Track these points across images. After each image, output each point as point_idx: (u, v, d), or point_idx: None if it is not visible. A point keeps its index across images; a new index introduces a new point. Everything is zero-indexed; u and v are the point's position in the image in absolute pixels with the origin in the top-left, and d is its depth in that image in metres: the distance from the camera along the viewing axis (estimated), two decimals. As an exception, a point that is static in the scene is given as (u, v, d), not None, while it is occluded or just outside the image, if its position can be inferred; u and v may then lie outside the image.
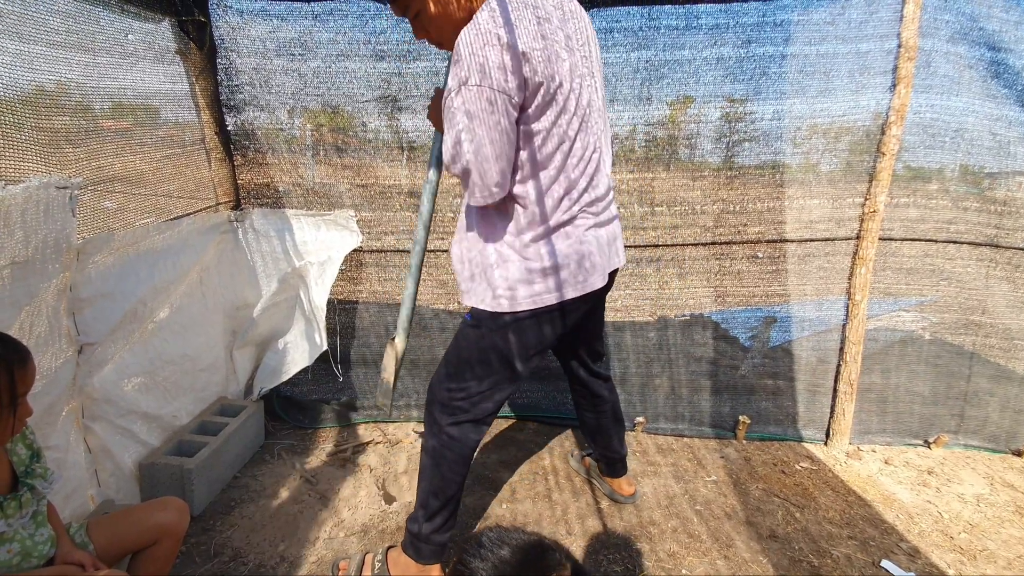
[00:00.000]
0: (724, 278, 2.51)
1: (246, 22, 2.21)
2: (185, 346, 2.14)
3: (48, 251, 1.45)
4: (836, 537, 1.99)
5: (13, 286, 1.37)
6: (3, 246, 1.31)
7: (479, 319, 1.51)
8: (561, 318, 1.50)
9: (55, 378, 1.55)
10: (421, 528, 1.64)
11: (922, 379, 2.56)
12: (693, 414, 2.66)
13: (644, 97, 2.29)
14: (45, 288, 1.47)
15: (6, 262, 1.33)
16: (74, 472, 1.65)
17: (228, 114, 2.33)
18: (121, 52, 1.83)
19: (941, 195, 2.38)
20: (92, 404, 1.74)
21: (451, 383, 1.58)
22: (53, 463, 1.54)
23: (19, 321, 1.41)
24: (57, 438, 1.58)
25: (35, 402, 1.47)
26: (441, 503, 1.63)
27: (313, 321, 2.48)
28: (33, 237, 1.39)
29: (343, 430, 2.62)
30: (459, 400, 1.57)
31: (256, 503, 2.06)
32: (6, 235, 1.31)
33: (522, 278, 1.43)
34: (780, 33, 2.20)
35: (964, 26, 2.20)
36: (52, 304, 1.51)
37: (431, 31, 1.39)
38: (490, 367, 1.54)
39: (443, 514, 1.65)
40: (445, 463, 1.60)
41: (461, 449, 1.60)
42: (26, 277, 1.40)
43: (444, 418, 1.59)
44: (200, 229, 2.16)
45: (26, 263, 1.39)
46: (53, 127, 1.56)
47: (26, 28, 1.44)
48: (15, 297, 1.39)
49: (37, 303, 1.46)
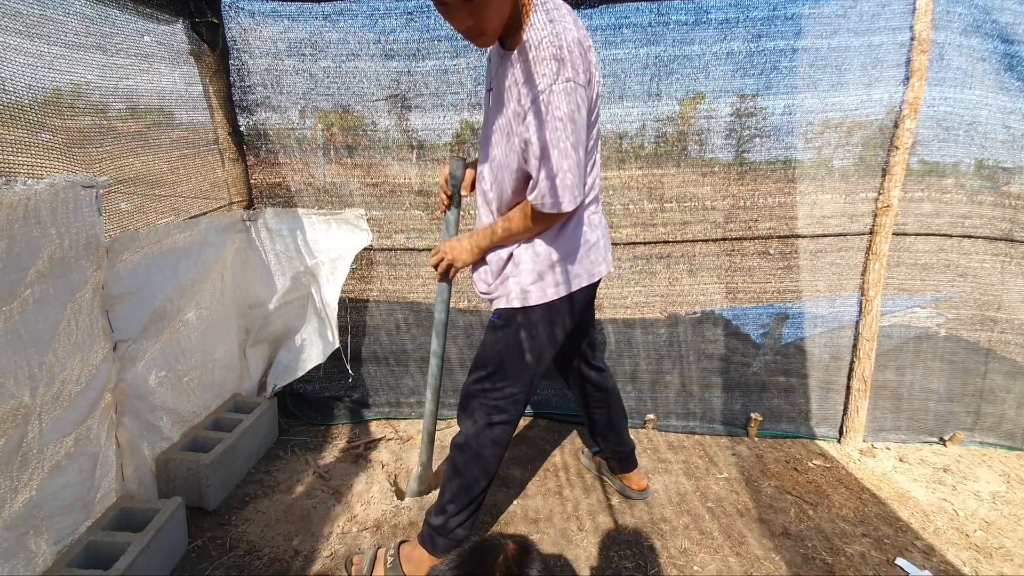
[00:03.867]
0: (735, 274, 2.50)
1: (258, 23, 2.24)
2: (205, 343, 2.17)
3: (80, 249, 1.48)
4: (850, 535, 1.98)
5: (56, 283, 1.41)
6: (39, 243, 1.34)
7: (507, 318, 1.54)
8: (570, 309, 1.55)
9: (97, 374, 1.59)
10: (448, 522, 1.66)
11: (937, 376, 2.54)
12: (704, 411, 2.65)
13: (654, 93, 2.29)
14: (82, 285, 1.50)
15: (46, 259, 1.36)
16: (106, 468, 1.68)
17: (240, 115, 2.35)
18: (137, 53, 1.86)
19: (956, 189, 2.36)
20: (124, 400, 1.77)
21: (487, 383, 1.60)
22: (90, 459, 1.58)
23: (65, 318, 1.45)
24: (96, 433, 1.62)
25: (81, 399, 1.53)
26: (470, 499, 1.66)
27: (325, 319, 2.51)
28: (66, 234, 1.42)
29: (355, 427, 2.63)
30: (496, 400, 1.60)
31: (270, 498, 2.08)
32: (39, 232, 1.34)
33: (536, 275, 1.48)
34: (791, 27, 2.18)
35: (977, 18, 2.17)
36: (89, 301, 1.55)
37: (482, 18, 1.22)
38: (523, 365, 1.56)
39: (470, 509, 1.68)
40: (481, 461, 1.63)
41: (495, 448, 1.63)
42: (65, 274, 1.44)
43: (482, 417, 1.61)
44: (217, 228, 2.19)
45: (63, 260, 1.42)
46: (72, 127, 1.59)
47: (45, 29, 1.47)
48: (59, 294, 1.43)
49: (78, 300, 1.49)
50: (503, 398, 1.59)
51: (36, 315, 1.36)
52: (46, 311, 1.39)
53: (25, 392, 1.33)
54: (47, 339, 1.39)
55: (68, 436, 1.50)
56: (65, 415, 1.48)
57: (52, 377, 1.41)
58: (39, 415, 1.39)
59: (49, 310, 1.39)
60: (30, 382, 1.34)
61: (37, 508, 1.42)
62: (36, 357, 1.36)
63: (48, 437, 1.43)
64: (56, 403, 1.44)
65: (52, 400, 1.43)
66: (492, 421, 1.61)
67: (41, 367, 1.37)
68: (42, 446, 1.41)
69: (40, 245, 1.35)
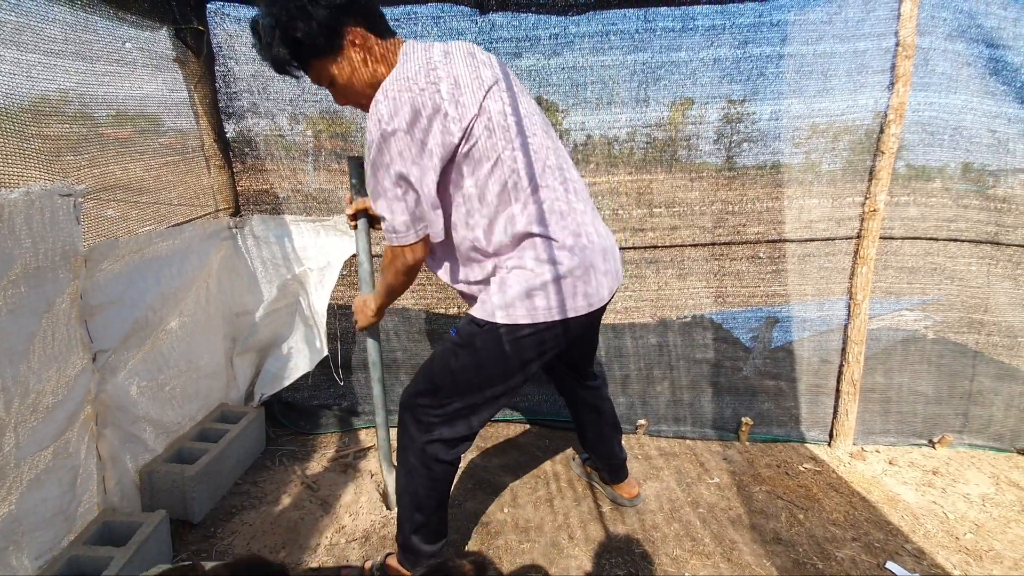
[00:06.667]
0: (724, 279, 2.50)
1: (243, 29, 2.22)
2: (189, 352, 2.14)
3: (57, 258, 1.45)
4: (841, 539, 1.98)
5: (30, 294, 1.38)
6: (12, 253, 1.32)
7: (472, 335, 1.44)
8: (564, 334, 1.45)
9: (75, 385, 1.56)
10: (409, 540, 1.60)
11: (925, 378, 2.55)
12: (695, 416, 2.65)
13: (642, 99, 2.29)
14: (59, 295, 1.48)
15: (19, 270, 1.34)
16: (87, 481, 1.65)
17: (227, 121, 2.33)
18: (119, 60, 1.84)
19: (941, 193, 2.37)
20: (105, 411, 1.74)
21: (432, 398, 1.50)
22: (70, 472, 1.55)
23: (41, 329, 1.42)
24: (75, 446, 1.59)
25: (59, 411, 1.50)
26: (426, 516, 1.58)
27: (313, 327, 2.48)
28: (42, 244, 1.40)
29: (344, 435, 2.61)
30: (439, 416, 1.50)
31: (257, 510, 2.06)
32: (13, 243, 1.32)
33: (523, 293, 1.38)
34: (777, 33, 2.19)
35: (962, 23, 2.19)
36: (67, 311, 1.52)
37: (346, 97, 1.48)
38: (479, 383, 1.46)
39: (429, 526, 1.60)
40: (428, 480, 1.54)
41: (443, 466, 1.53)
42: (40, 284, 1.42)
43: (420, 435, 1.51)
44: (202, 235, 2.17)
45: (38, 270, 1.40)
46: (53, 135, 1.57)
47: (24, 37, 1.45)
48: (34, 305, 1.40)
49: (54, 311, 1.47)
50: (444, 415, 1.49)
51: (9, 326, 1.33)
52: (20, 322, 1.36)
53: None
54: (21, 351, 1.37)
55: (46, 449, 1.47)
56: (42, 427, 1.45)
57: (27, 389, 1.39)
58: (14, 428, 1.36)
59: (23, 321, 1.36)
60: (4, 395, 1.32)
61: (16, 523, 1.39)
62: (9, 369, 1.33)
63: (25, 450, 1.40)
64: (32, 415, 1.42)
65: (28, 413, 1.40)
66: (433, 438, 1.50)
67: (15, 379, 1.35)
68: (19, 460, 1.38)
69: (13, 255, 1.32)
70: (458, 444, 1.54)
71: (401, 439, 1.58)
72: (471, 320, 1.44)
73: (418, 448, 1.52)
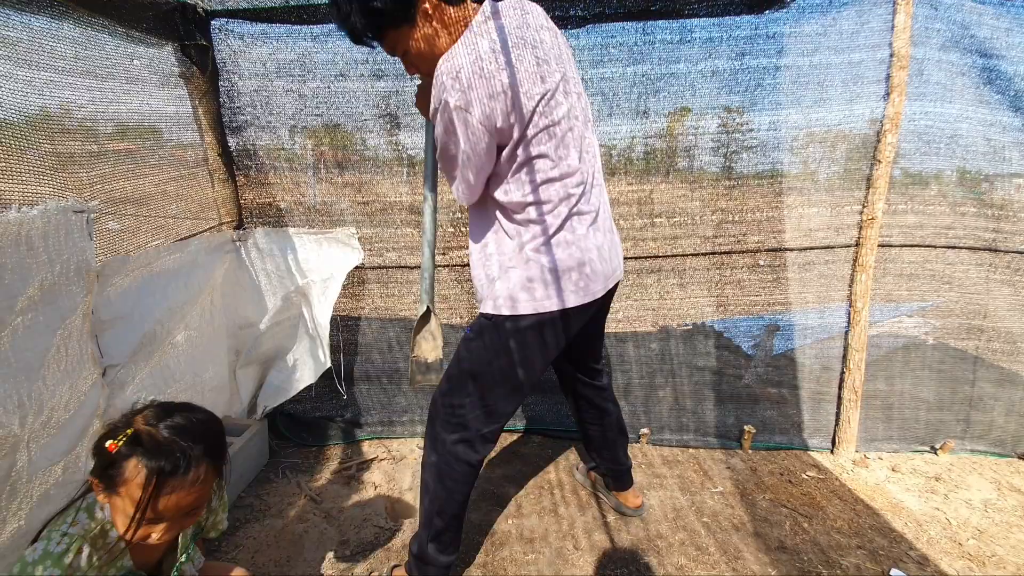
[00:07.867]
0: (725, 287, 2.52)
1: (247, 45, 2.25)
2: (194, 366, 2.14)
3: (71, 274, 1.47)
4: (845, 547, 1.98)
5: (46, 310, 1.39)
6: (31, 270, 1.33)
7: (481, 329, 1.51)
8: (564, 326, 1.50)
9: (86, 401, 1.56)
10: (424, 549, 1.62)
11: (927, 385, 2.56)
12: (698, 424, 2.66)
13: (641, 110, 2.32)
14: (73, 311, 1.49)
15: (36, 286, 1.35)
16: (94, 495, 1.65)
17: (230, 135, 2.36)
18: (126, 77, 1.86)
19: (938, 201, 2.40)
20: (115, 426, 1.74)
21: (453, 398, 1.56)
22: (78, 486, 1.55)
23: (55, 345, 1.43)
24: (85, 461, 1.59)
25: (71, 426, 1.50)
26: (445, 522, 1.61)
27: (316, 339, 2.49)
28: (57, 260, 1.41)
29: (347, 447, 2.61)
30: (461, 415, 1.55)
31: (261, 523, 2.06)
32: (31, 259, 1.33)
33: (522, 285, 1.43)
34: (773, 45, 2.23)
35: (955, 34, 2.23)
36: (79, 327, 1.53)
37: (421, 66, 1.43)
38: (493, 379, 1.52)
39: (447, 534, 1.63)
40: (449, 481, 1.58)
41: (464, 467, 1.58)
42: (55, 300, 1.42)
43: (447, 435, 1.57)
44: (207, 249, 2.18)
45: (54, 287, 1.41)
46: (63, 151, 1.58)
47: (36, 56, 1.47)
48: (49, 321, 1.40)
49: (68, 326, 1.47)
50: (468, 413, 1.54)
51: (26, 343, 1.34)
52: (36, 338, 1.37)
53: (14, 421, 1.31)
54: (36, 367, 1.37)
55: (57, 464, 1.47)
56: (54, 443, 1.45)
57: (41, 405, 1.39)
58: (28, 444, 1.37)
59: (39, 337, 1.38)
60: (19, 411, 1.32)
61: (26, 538, 1.39)
62: (25, 385, 1.34)
63: (37, 466, 1.40)
64: (45, 431, 1.42)
65: (41, 428, 1.41)
66: (460, 437, 1.56)
67: (30, 395, 1.35)
68: (31, 475, 1.39)
69: (31, 272, 1.33)
70: (481, 444, 1.58)
71: (428, 442, 1.63)
72: (481, 315, 1.52)
73: (443, 448, 1.57)
